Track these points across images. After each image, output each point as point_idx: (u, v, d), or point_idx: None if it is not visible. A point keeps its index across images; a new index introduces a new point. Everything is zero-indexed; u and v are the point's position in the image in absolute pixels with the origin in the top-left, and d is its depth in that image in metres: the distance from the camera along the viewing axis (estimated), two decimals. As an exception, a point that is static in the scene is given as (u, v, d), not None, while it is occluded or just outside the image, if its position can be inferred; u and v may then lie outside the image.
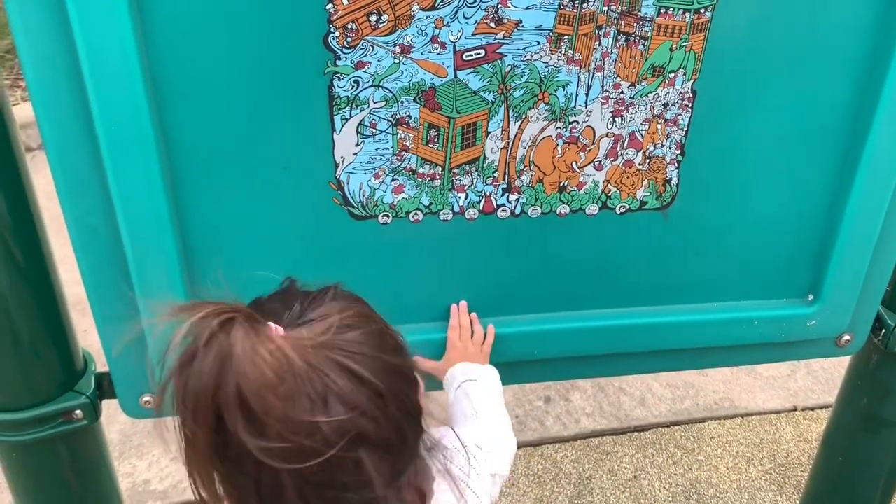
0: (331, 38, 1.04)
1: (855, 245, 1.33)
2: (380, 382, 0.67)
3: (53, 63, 0.98)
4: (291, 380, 0.64)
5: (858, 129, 1.25)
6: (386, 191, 1.18)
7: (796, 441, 2.48)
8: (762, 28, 1.15)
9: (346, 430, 0.65)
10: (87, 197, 1.08)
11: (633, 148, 1.21)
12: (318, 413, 0.64)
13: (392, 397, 0.69)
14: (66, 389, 1.25)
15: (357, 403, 0.65)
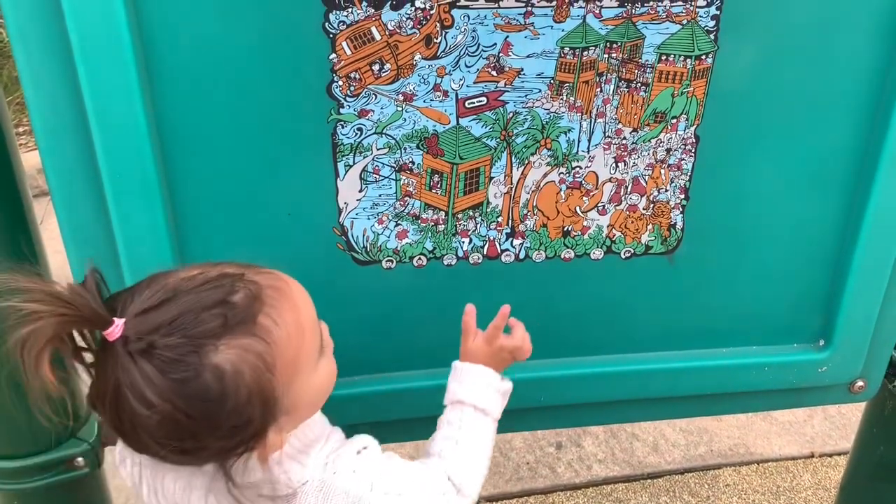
0: (334, 86, 1.06)
1: (865, 289, 1.32)
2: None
3: (61, 114, 1.00)
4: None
5: (865, 171, 1.24)
6: (389, 236, 1.18)
7: (814, 489, 2.42)
8: (764, 74, 1.15)
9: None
10: (93, 244, 1.09)
11: (636, 193, 1.21)
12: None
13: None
14: (68, 436, 1.25)
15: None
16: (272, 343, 0.80)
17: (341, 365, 1.27)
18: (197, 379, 0.76)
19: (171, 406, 0.75)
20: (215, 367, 0.76)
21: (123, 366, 0.75)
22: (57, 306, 0.73)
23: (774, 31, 1.12)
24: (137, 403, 0.75)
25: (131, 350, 0.75)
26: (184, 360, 0.75)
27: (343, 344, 1.25)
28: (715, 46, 1.11)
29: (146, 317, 0.77)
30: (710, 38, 1.11)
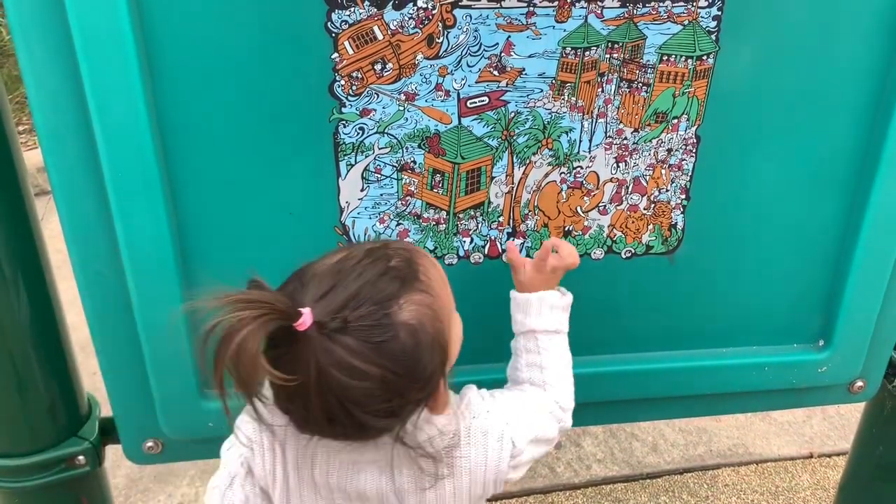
0: (336, 86, 1.06)
1: (865, 290, 1.32)
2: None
3: (63, 112, 1.00)
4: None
5: (865, 171, 1.24)
6: (391, 235, 1.18)
7: (813, 489, 2.42)
8: (765, 74, 1.16)
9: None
10: (94, 243, 1.09)
11: (637, 193, 1.22)
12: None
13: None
14: (69, 435, 1.25)
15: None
16: (434, 295, 0.88)
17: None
18: (395, 338, 0.82)
19: (379, 369, 0.80)
20: (405, 324, 0.83)
21: (324, 348, 0.79)
22: (258, 309, 0.77)
23: (775, 31, 1.12)
24: (347, 378, 0.79)
25: (328, 331, 0.79)
26: (380, 324, 0.81)
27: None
28: (716, 47, 1.12)
29: (327, 299, 0.82)
30: (711, 38, 1.11)
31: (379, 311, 0.82)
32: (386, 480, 0.94)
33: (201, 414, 1.21)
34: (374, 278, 0.83)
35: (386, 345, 0.81)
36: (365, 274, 0.84)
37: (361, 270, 0.84)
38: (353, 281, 0.83)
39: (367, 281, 0.83)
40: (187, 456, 1.30)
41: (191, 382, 1.18)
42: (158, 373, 1.17)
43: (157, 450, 1.27)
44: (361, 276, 0.83)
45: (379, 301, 0.82)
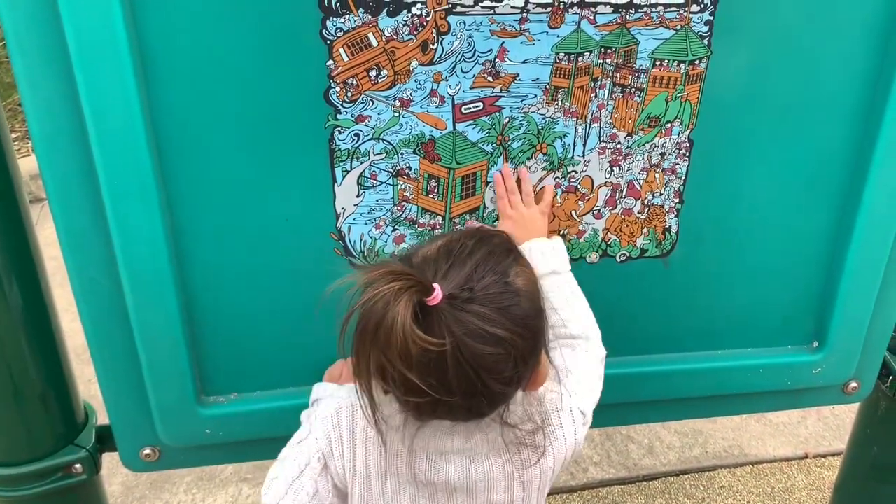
0: (331, 93, 1.06)
1: (858, 291, 1.33)
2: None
3: (57, 119, 1.00)
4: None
5: (857, 174, 1.25)
6: (387, 241, 1.19)
7: (809, 490, 2.43)
8: (757, 78, 1.16)
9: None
10: (90, 250, 1.09)
11: (631, 197, 1.22)
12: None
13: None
14: (66, 443, 1.25)
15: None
16: (531, 268, 0.93)
17: (340, 369, 1.28)
18: (519, 302, 0.86)
19: (509, 332, 0.84)
20: (523, 290, 0.88)
21: (458, 319, 0.82)
22: (406, 281, 0.80)
23: (767, 36, 1.13)
24: (483, 345, 0.82)
25: (460, 302, 0.83)
26: (505, 291, 0.86)
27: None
28: (708, 51, 1.13)
29: (450, 276, 0.85)
30: (703, 43, 1.12)
31: (500, 279, 0.86)
32: (476, 468, 0.96)
33: (198, 421, 1.21)
34: (486, 254, 0.88)
35: (512, 309, 0.85)
36: (477, 251, 0.88)
37: (472, 249, 0.88)
38: (469, 257, 0.87)
39: (481, 256, 0.87)
40: (185, 463, 1.30)
41: (188, 389, 1.18)
42: (155, 380, 1.17)
43: (155, 457, 1.27)
44: (473, 253, 0.88)
45: (498, 272, 0.87)
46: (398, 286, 0.79)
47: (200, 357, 1.20)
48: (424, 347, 0.79)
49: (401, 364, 0.81)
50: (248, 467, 2.35)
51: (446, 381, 0.83)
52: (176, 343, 1.14)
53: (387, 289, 0.79)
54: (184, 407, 1.20)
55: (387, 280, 0.80)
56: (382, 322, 0.79)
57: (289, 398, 1.24)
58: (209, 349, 1.20)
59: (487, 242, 0.90)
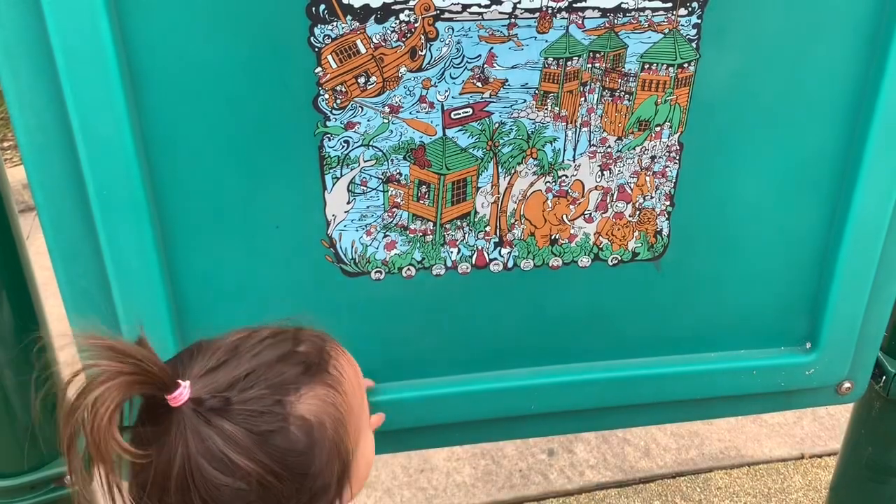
0: (320, 100, 1.06)
1: (850, 292, 1.33)
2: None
3: (46, 129, 1.00)
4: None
5: (847, 175, 1.25)
6: (378, 247, 1.19)
7: (805, 490, 2.44)
8: (746, 81, 1.17)
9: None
10: (80, 260, 1.08)
11: (622, 200, 1.22)
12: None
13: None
14: (58, 454, 1.24)
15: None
16: (343, 394, 0.76)
17: (332, 377, 1.27)
18: (285, 431, 0.70)
19: (258, 466, 0.67)
20: (301, 418, 0.71)
21: (197, 431, 0.67)
22: (126, 364, 0.66)
23: (755, 39, 1.13)
24: (218, 472, 0.67)
25: (205, 410, 0.67)
26: (269, 411, 0.69)
27: (333, 356, 1.25)
28: (697, 55, 1.13)
29: (214, 375, 0.71)
30: (691, 46, 1.12)
31: (270, 395, 0.70)
32: None
33: (191, 430, 1.21)
34: (273, 360, 0.73)
35: (271, 437, 0.68)
36: (263, 354, 0.73)
37: (260, 349, 0.74)
38: (249, 359, 0.72)
39: (264, 361, 0.72)
40: (178, 472, 1.29)
41: (180, 399, 1.18)
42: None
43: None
44: (259, 355, 0.73)
45: (273, 385, 0.71)
46: (113, 368, 0.64)
47: (192, 366, 1.19)
48: (129, 454, 0.64)
49: (102, 467, 0.66)
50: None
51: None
52: (167, 352, 1.13)
53: (98, 367, 0.64)
54: (176, 416, 1.19)
55: (100, 356, 0.65)
56: (83, 404, 0.64)
57: (282, 406, 1.24)
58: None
59: (286, 345, 0.75)
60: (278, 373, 0.72)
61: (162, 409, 0.67)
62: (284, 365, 0.73)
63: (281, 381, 0.71)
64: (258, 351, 0.73)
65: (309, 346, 0.78)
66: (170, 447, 0.67)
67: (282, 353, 0.74)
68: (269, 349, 0.74)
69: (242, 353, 0.73)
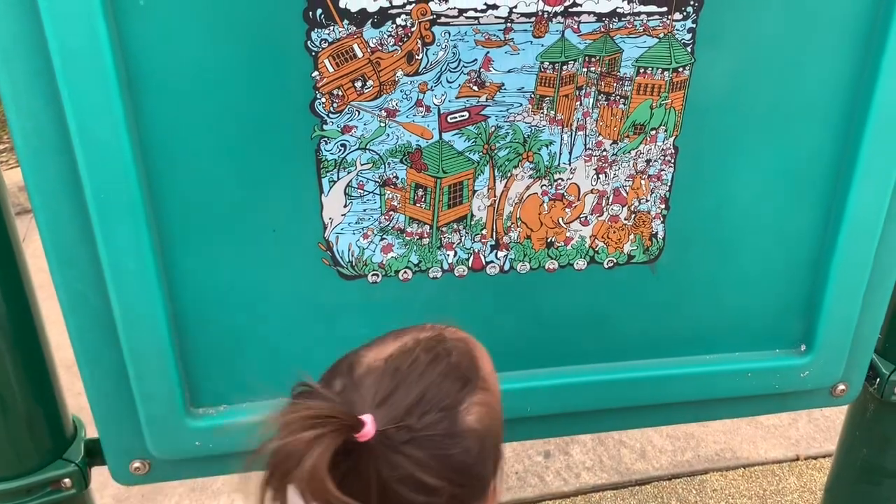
0: (317, 103, 1.07)
1: (844, 294, 1.34)
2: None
3: (43, 133, 1.00)
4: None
5: (842, 179, 1.26)
6: (375, 250, 1.19)
7: (800, 491, 2.44)
8: (741, 85, 1.17)
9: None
10: (77, 264, 1.09)
11: (618, 203, 1.23)
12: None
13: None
14: (54, 457, 1.24)
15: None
16: (491, 391, 0.81)
17: (328, 379, 1.28)
18: (464, 447, 0.75)
19: (447, 482, 0.73)
20: (472, 430, 0.76)
21: (387, 460, 0.71)
22: (324, 427, 0.69)
23: (749, 43, 1.14)
24: (416, 494, 0.72)
25: (394, 442, 0.71)
26: (449, 433, 0.74)
27: (329, 358, 1.25)
28: (692, 59, 1.13)
29: (389, 405, 0.73)
30: (686, 50, 1.13)
31: (446, 418, 0.74)
32: None
33: (188, 433, 1.21)
34: (438, 379, 0.76)
35: (455, 457, 0.74)
36: (427, 374, 0.76)
37: (422, 370, 0.76)
38: (415, 382, 0.75)
39: (430, 382, 0.75)
40: (175, 476, 1.30)
41: (177, 401, 1.18)
42: (144, 393, 1.16)
43: (145, 470, 1.26)
44: (423, 376, 0.76)
45: (445, 407, 0.75)
46: (314, 434, 0.68)
47: (189, 369, 1.19)
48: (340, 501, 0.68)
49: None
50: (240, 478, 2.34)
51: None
52: (164, 355, 1.14)
53: (299, 439, 0.68)
54: (173, 419, 1.19)
55: (298, 427, 0.68)
56: (300, 475, 0.67)
57: (278, 409, 1.24)
58: (198, 361, 1.19)
59: (443, 361, 0.78)
60: (445, 393, 0.76)
61: (350, 446, 0.71)
62: (447, 381, 0.77)
63: (450, 403, 0.76)
64: (421, 372, 0.76)
65: (458, 355, 0.80)
66: (361, 479, 0.71)
67: (442, 370, 0.77)
68: (430, 368, 0.77)
69: (407, 377, 0.76)
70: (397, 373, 0.76)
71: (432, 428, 0.73)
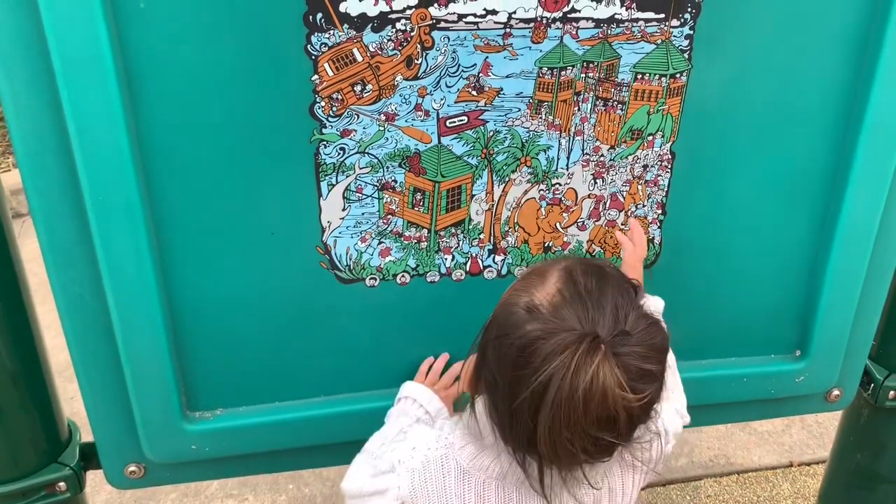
0: (316, 107, 1.07)
1: (839, 300, 1.34)
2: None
3: (42, 135, 1.00)
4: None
5: (837, 184, 1.27)
6: (373, 254, 1.19)
7: (794, 498, 2.45)
8: (737, 91, 1.18)
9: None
10: (74, 266, 1.08)
11: (615, 208, 1.23)
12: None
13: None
14: (49, 461, 1.23)
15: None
16: (640, 288, 0.92)
17: (326, 383, 1.28)
18: (660, 331, 0.85)
19: (661, 366, 0.84)
20: (656, 319, 0.86)
21: (623, 364, 0.79)
22: (584, 338, 0.79)
23: (746, 49, 1.15)
24: (644, 384, 0.81)
25: (619, 346, 0.80)
26: (649, 324, 0.84)
27: (327, 362, 1.26)
28: (689, 65, 1.14)
29: (598, 319, 0.82)
30: (684, 57, 1.13)
31: (639, 313, 0.84)
32: (607, 487, 0.95)
33: (184, 437, 1.20)
34: (616, 290, 0.85)
35: (658, 342, 0.83)
36: (606, 288, 0.84)
37: (599, 286, 0.85)
38: (602, 297, 0.83)
39: (612, 292, 0.84)
40: (170, 480, 1.29)
41: (173, 405, 1.18)
42: (140, 396, 1.16)
43: (140, 474, 1.26)
44: (604, 291, 0.84)
45: (635, 306, 0.84)
46: (583, 348, 0.77)
47: (186, 372, 1.19)
48: (630, 406, 0.78)
49: (596, 429, 0.78)
50: (234, 483, 2.33)
51: (618, 430, 0.81)
52: (161, 359, 1.14)
53: (573, 354, 0.76)
54: (169, 423, 1.19)
55: (568, 340, 0.78)
56: (585, 393, 0.76)
57: (275, 413, 1.24)
58: (194, 364, 1.19)
59: (608, 277, 0.87)
60: (628, 299, 0.85)
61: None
62: (623, 290, 0.87)
63: (635, 303, 0.86)
64: (598, 287, 0.86)
65: (611, 269, 0.91)
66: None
67: (612, 281, 0.87)
68: (602, 283, 0.86)
69: (592, 296, 0.85)
70: (581, 297, 0.83)
71: (638, 324, 0.82)
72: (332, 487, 2.37)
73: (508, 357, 0.82)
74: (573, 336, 0.79)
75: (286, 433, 1.25)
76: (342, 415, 1.25)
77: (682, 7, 1.10)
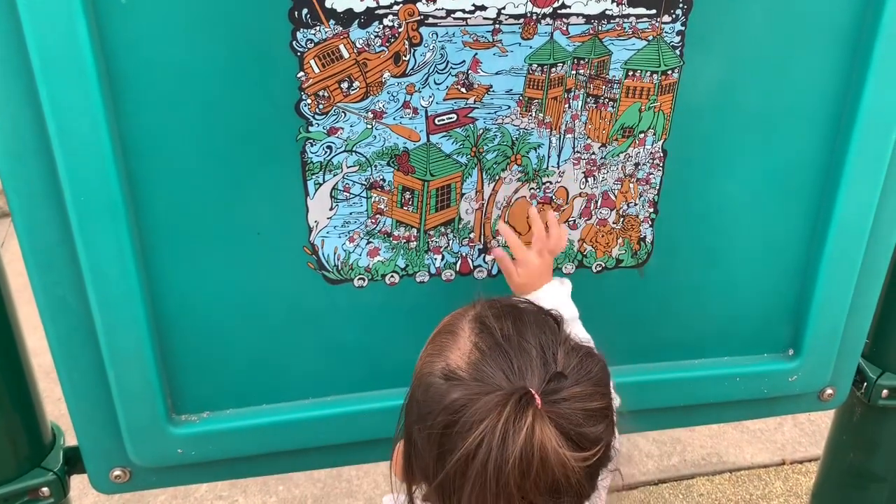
0: (303, 105, 1.05)
1: (832, 298, 1.34)
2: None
3: (23, 137, 0.98)
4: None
5: (829, 182, 1.26)
6: (361, 254, 1.17)
7: (786, 496, 2.45)
8: (729, 88, 1.17)
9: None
10: (56, 268, 1.06)
11: (606, 207, 1.22)
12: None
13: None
14: (32, 465, 1.21)
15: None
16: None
17: (315, 385, 1.26)
18: (597, 360, 0.78)
19: (606, 398, 0.77)
20: (589, 348, 0.80)
21: (561, 413, 0.73)
22: (513, 394, 0.72)
23: (738, 46, 1.14)
24: (594, 426, 0.74)
25: (554, 395, 0.73)
26: (585, 355, 0.78)
27: (315, 363, 1.24)
28: (681, 62, 1.13)
29: (523, 371, 0.74)
30: (675, 53, 1.12)
31: (568, 346, 0.76)
32: None
33: (170, 440, 1.18)
34: (534, 327, 0.78)
35: (599, 371, 0.76)
36: (523, 328, 0.77)
37: (516, 327, 0.78)
38: (523, 339, 0.76)
39: (532, 331, 0.77)
40: (156, 484, 1.27)
41: (159, 408, 1.16)
42: (124, 399, 1.14)
43: (125, 478, 1.24)
44: (522, 332, 0.77)
45: (561, 340, 0.77)
46: (508, 409, 0.67)
47: (171, 375, 1.17)
48: (579, 467, 0.69)
49: (541, 497, 0.69)
50: (224, 485, 2.31)
51: (578, 490, 0.73)
52: (146, 361, 1.12)
53: (501, 417, 0.67)
54: (154, 427, 1.17)
55: (492, 402, 0.68)
56: (519, 463, 0.66)
57: (262, 416, 1.22)
58: (180, 367, 1.17)
59: (524, 315, 0.80)
60: (552, 335, 0.79)
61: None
62: (543, 324, 0.81)
63: (561, 338, 0.80)
64: (518, 330, 0.79)
65: (525, 304, 0.86)
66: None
67: (531, 318, 0.82)
68: (519, 324, 0.80)
69: (511, 342, 0.78)
70: (500, 347, 0.75)
71: (569, 360, 0.75)
72: (323, 489, 2.35)
73: (434, 438, 0.73)
74: (497, 397, 0.69)
75: (274, 436, 1.23)
76: (330, 417, 1.24)
77: (673, 3, 1.08)
